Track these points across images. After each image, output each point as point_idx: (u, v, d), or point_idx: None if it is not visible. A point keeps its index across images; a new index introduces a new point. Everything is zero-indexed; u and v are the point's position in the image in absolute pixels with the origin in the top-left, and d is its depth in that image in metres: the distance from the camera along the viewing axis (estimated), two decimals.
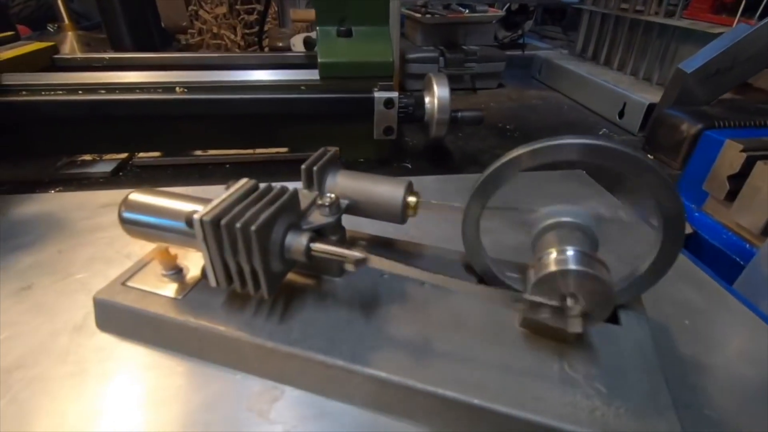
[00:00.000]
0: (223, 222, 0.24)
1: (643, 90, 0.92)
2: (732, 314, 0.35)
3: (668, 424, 0.22)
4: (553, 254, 0.24)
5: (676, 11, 0.93)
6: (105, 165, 0.66)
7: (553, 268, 0.23)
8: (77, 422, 0.25)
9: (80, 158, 0.67)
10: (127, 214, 0.28)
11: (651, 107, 0.84)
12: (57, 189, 0.60)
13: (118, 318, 0.30)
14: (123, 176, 0.66)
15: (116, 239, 0.41)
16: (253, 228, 0.23)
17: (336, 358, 0.25)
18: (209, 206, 0.25)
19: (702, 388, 0.28)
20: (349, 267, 0.25)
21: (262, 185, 0.28)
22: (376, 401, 0.26)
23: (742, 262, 0.43)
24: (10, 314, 0.32)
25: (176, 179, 0.65)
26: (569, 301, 0.22)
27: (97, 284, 0.35)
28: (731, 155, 0.45)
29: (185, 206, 0.27)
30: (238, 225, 0.23)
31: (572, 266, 0.22)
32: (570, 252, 0.23)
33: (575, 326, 0.22)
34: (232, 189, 0.27)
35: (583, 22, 1.22)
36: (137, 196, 0.28)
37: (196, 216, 0.24)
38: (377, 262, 0.25)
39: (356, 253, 0.25)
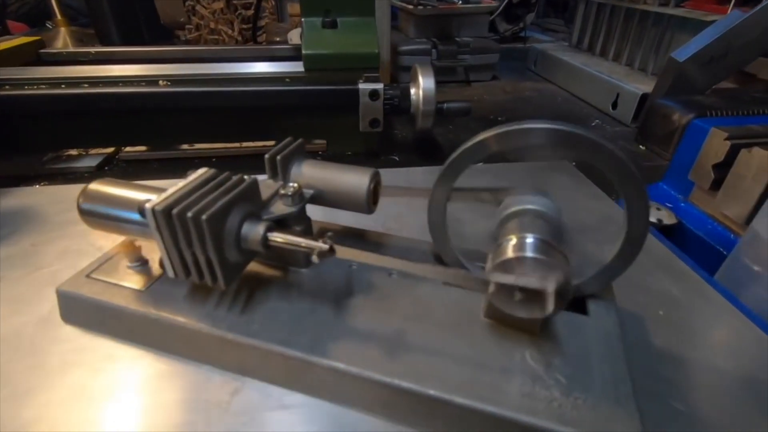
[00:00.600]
0: (174, 211, 0.23)
1: (637, 80, 0.91)
2: (709, 305, 0.34)
3: (626, 414, 0.21)
4: (513, 241, 0.23)
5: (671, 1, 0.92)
6: (91, 159, 0.66)
7: (510, 254, 0.22)
8: (37, 413, 0.25)
9: (66, 153, 0.67)
10: (85, 205, 0.27)
11: (644, 97, 0.83)
12: (42, 183, 0.60)
13: (81, 310, 0.30)
14: (109, 171, 0.66)
15: (90, 232, 0.40)
16: (204, 217, 0.23)
17: (294, 349, 0.25)
18: (163, 195, 0.24)
19: (671, 379, 0.28)
20: (315, 259, 0.25)
21: (222, 175, 0.27)
22: (335, 393, 0.25)
23: (725, 252, 0.43)
24: None
25: (162, 173, 0.65)
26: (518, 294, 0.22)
27: (66, 277, 0.35)
28: (716, 144, 0.44)
29: (140, 196, 0.26)
30: (189, 214, 0.23)
31: (529, 254, 0.22)
32: (529, 239, 0.23)
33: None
34: (190, 178, 0.26)
35: (579, 13, 1.21)
36: (97, 186, 0.28)
37: (147, 205, 0.23)
38: (344, 252, 0.25)
39: (321, 244, 0.24)
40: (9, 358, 0.28)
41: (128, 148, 0.69)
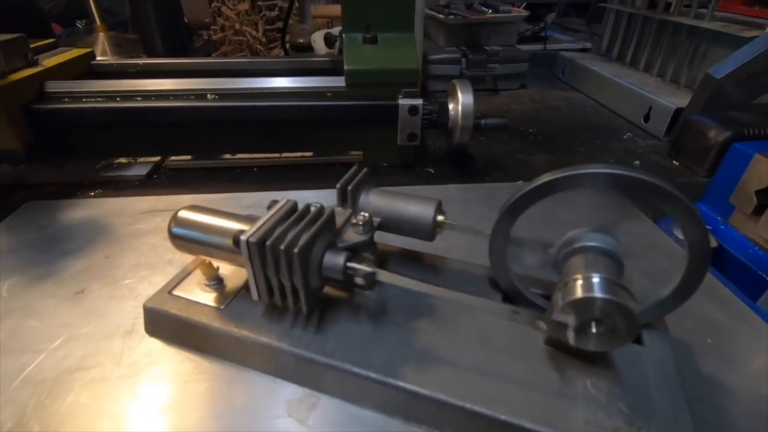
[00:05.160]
0: (268, 243, 0.26)
1: (669, 93, 0.91)
2: (754, 332, 0.35)
3: None
4: (579, 280, 0.25)
5: (707, 13, 0.91)
6: (140, 168, 0.69)
7: (579, 294, 0.24)
8: (137, 422, 0.27)
9: (116, 161, 0.70)
10: (176, 230, 0.30)
11: (678, 111, 0.83)
12: (96, 191, 0.64)
13: (166, 325, 0.32)
14: (157, 179, 0.68)
15: (157, 246, 0.43)
16: (296, 250, 0.25)
17: (369, 370, 0.27)
18: (254, 227, 0.26)
19: (722, 406, 0.29)
20: (359, 280, 0.27)
21: (301, 205, 0.29)
22: (406, 411, 0.27)
23: (767, 278, 0.43)
24: (67, 317, 0.35)
25: (207, 182, 0.68)
26: (594, 326, 0.23)
27: (143, 290, 0.38)
28: (760, 170, 0.45)
29: (231, 225, 0.28)
30: (282, 247, 0.25)
31: (598, 294, 0.23)
32: (596, 279, 0.24)
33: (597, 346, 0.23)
34: (274, 210, 0.28)
35: (609, 22, 1.20)
36: (186, 214, 0.30)
37: (242, 236, 0.26)
38: (406, 282, 0.27)
39: (367, 268, 0.27)
40: (104, 368, 0.31)
41: (174, 157, 0.71)
